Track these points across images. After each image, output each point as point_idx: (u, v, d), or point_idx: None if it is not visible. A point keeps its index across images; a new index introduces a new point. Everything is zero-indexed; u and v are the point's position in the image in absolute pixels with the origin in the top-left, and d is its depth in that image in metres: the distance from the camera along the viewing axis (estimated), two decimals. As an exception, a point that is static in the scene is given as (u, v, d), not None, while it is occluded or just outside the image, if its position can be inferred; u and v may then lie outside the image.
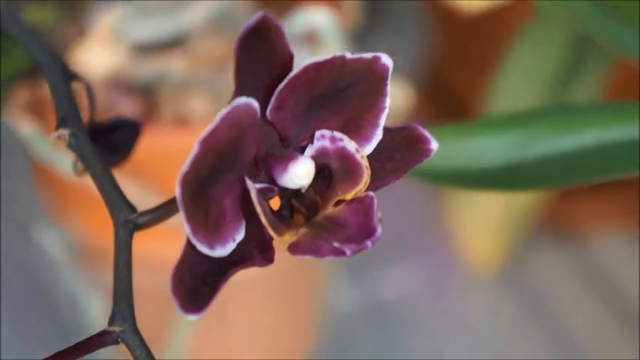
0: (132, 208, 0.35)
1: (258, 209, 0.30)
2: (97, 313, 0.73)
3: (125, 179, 0.56)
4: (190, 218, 0.30)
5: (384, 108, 0.33)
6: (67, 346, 0.34)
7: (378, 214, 0.31)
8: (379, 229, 0.31)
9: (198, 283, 0.30)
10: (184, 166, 0.29)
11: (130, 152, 0.41)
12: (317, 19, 0.56)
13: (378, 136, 0.33)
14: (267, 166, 0.31)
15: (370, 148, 0.33)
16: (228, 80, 0.62)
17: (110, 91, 0.61)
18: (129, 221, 0.35)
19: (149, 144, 0.52)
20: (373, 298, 0.87)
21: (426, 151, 0.34)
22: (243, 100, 0.30)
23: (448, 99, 0.99)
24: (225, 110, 0.30)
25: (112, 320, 0.34)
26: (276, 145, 0.32)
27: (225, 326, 0.71)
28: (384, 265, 0.90)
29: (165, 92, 0.61)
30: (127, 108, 0.61)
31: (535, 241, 0.93)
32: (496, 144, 0.43)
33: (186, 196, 0.29)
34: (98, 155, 0.40)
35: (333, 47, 0.58)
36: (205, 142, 0.30)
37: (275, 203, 0.32)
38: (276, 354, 0.77)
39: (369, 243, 0.31)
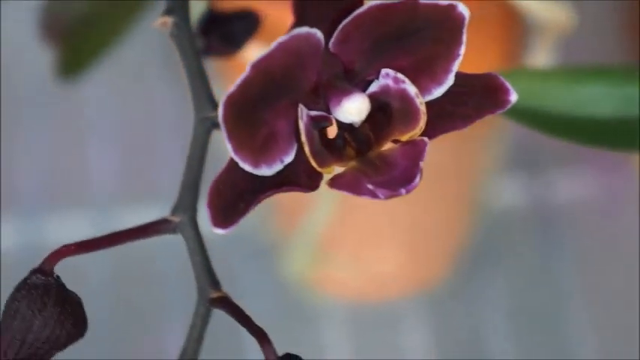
0: (215, 106, 0.37)
1: (303, 137, 0.31)
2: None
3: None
4: (232, 137, 0.31)
5: (459, 55, 0.33)
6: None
7: (421, 164, 0.31)
8: (417, 179, 0.31)
9: (235, 198, 0.31)
10: (232, 87, 0.30)
11: (243, 45, 0.42)
12: None
13: (450, 81, 0.33)
14: (325, 96, 0.32)
15: (440, 91, 0.33)
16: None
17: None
18: (207, 118, 0.36)
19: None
20: (538, 198, 0.86)
21: (503, 102, 0.34)
22: (304, 29, 0.31)
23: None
24: (283, 38, 0.30)
25: (174, 210, 0.36)
26: (339, 76, 0.32)
27: (364, 213, 0.72)
28: (555, 165, 0.87)
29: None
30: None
31: None
32: (613, 96, 0.42)
33: (230, 116, 0.30)
34: (204, 46, 0.41)
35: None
36: (257, 67, 0.30)
37: (333, 132, 0.33)
38: (418, 249, 0.77)
39: (403, 191, 0.31)
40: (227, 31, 0.42)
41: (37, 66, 0.62)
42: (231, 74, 0.61)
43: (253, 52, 0.43)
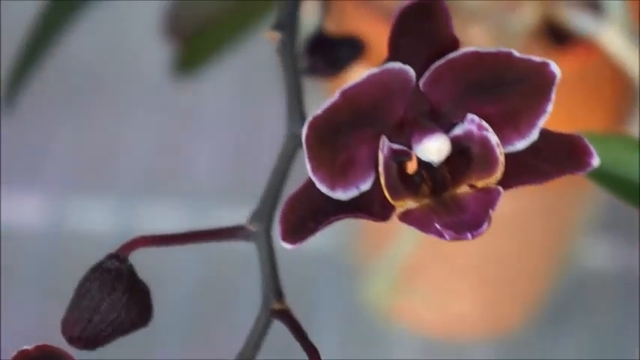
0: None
1: (381, 168, 0.32)
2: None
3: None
4: (313, 157, 0.32)
5: (545, 112, 0.33)
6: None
7: (491, 212, 0.32)
8: (485, 226, 0.32)
9: (308, 216, 0.33)
10: (319, 109, 0.31)
11: (344, 69, 0.43)
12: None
13: (534, 135, 0.34)
14: (409, 131, 0.33)
15: (523, 144, 0.34)
16: (515, 19, 0.62)
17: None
18: (297, 136, 0.37)
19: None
20: (627, 264, 0.85)
21: (585, 164, 0.34)
22: (398, 65, 0.32)
23: None
24: (375, 70, 0.31)
25: (251, 219, 0.37)
26: (426, 114, 0.33)
27: (449, 249, 0.72)
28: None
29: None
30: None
31: None
32: None
33: (313, 138, 0.31)
34: (308, 65, 0.42)
35: (614, 18, 0.57)
36: (345, 94, 0.31)
37: (412, 168, 0.34)
38: (497, 294, 0.77)
39: (469, 235, 0.32)
40: (332, 53, 0.44)
41: (155, 62, 0.64)
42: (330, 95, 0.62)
43: (355, 76, 0.44)
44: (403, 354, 0.79)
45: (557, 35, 0.64)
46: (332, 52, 0.43)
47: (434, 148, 0.32)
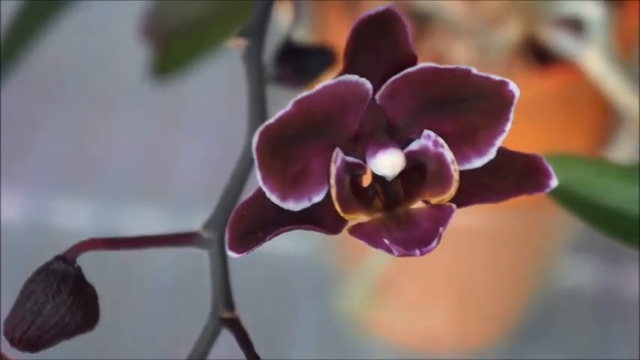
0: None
1: (332, 180, 0.32)
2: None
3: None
4: (263, 167, 0.31)
5: (503, 131, 0.33)
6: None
7: (442, 229, 0.32)
8: (434, 244, 0.31)
9: (256, 226, 0.32)
10: (271, 119, 0.31)
11: (314, 79, 0.43)
12: (585, 8, 0.55)
13: (491, 154, 0.33)
14: (364, 145, 0.32)
15: (480, 162, 0.33)
16: (497, 37, 0.62)
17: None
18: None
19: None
20: (605, 285, 0.84)
21: (543, 185, 0.34)
22: (354, 77, 0.31)
23: None
24: (330, 81, 0.31)
25: (205, 226, 0.37)
26: (382, 128, 0.33)
27: (425, 265, 0.72)
28: (630, 257, 0.86)
29: (433, 26, 0.62)
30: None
31: None
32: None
33: (263, 147, 0.31)
34: (277, 74, 0.42)
35: (595, 41, 0.57)
36: (299, 105, 0.31)
37: (367, 182, 0.33)
38: (472, 310, 0.77)
39: (417, 252, 0.31)
40: (302, 62, 0.43)
41: (141, 62, 0.63)
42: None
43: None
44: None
45: (540, 54, 0.64)
46: (302, 60, 0.43)
47: (388, 163, 0.32)
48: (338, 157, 0.32)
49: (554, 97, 0.63)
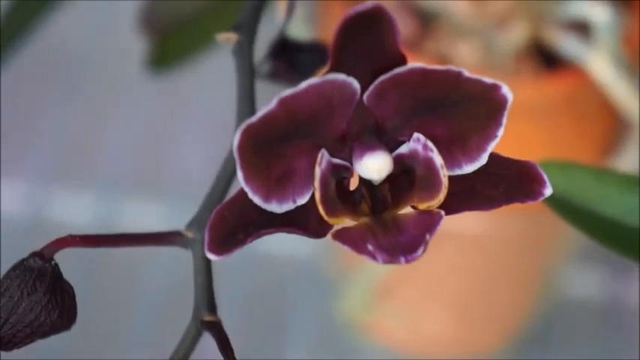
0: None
1: (316, 182, 0.31)
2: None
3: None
4: (245, 167, 0.30)
5: (496, 136, 0.32)
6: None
7: (429, 237, 0.30)
8: (420, 251, 0.30)
9: (238, 228, 0.31)
10: (254, 117, 0.30)
11: (307, 76, 0.42)
12: (593, 10, 0.54)
13: (483, 160, 0.32)
14: (351, 146, 0.31)
15: (471, 168, 0.32)
16: (503, 39, 0.61)
17: (397, 5, 0.62)
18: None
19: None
20: (611, 295, 0.83)
21: (536, 193, 0.33)
22: (341, 76, 0.30)
23: None
24: (316, 80, 0.30)
25: (189, 225, 0.36)
26: (370, 130, 0.31)
27: (427, 269, 0.70)
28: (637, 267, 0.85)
29: (437, 26, 0.61)
30: (401, 26, 0.61)
31: None
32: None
33: (245, 146, 0.30)
34: (270, 69, 0.41)
35: (603, 45, 0.55)
36: (283, 103, 0.30)
37: (354, 185, 0.32)
38: (471, 316, 0.76)
39: (402, 259, 0.30)
40: (295, 59, 0.42)
41: (135, 55, 0.63)
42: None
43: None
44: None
45: (547, 57, 0.62)
46: (296, 57, 0.42)
47: (374, 166, 0.31)
48: (323, 158, 0.31)
49: (560, 101, 0.62)
